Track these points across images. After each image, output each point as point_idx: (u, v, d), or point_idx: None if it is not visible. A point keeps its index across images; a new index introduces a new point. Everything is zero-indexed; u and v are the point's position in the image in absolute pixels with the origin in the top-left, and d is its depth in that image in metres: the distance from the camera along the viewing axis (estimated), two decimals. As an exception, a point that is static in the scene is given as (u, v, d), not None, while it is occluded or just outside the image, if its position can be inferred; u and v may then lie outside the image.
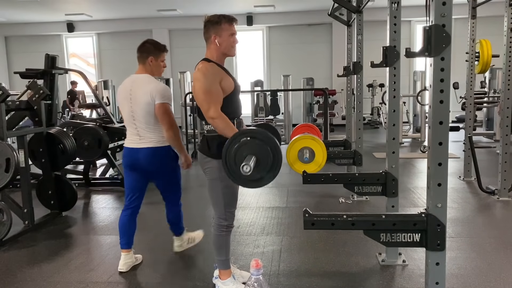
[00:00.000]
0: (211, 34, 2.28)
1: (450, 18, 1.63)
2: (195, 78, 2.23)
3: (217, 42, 2.26)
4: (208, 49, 2.33)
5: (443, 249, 1.80)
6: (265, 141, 2.06)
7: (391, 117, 2.77)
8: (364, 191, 2.94)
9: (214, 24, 2.26)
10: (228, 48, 2.30)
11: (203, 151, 2.35)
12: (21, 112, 4.04)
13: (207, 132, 2.33)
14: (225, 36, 2.27)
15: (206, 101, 2.17)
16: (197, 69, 2.26)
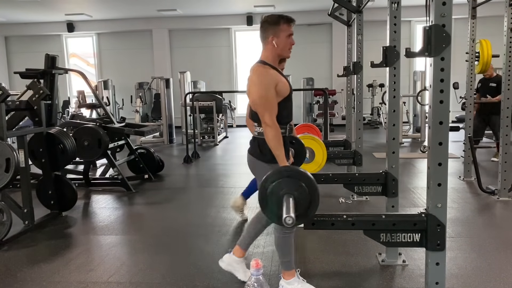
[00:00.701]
0: (269, 34, 2.26)
1: (450, 18, 1.63)
2: (251, 81, 2.23)
3: (275, 43, 2.25)
4: (264, 50, 2.32)
5: (443, 249, 1.80)
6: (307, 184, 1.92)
7: (391, 117, 2.77)
8: (364, 191, 2.94)
9: (272, 24, 2.24)
10: (285, 49, 2.28)
11: (255, 155, 2.34)
12: (21, 112, 4.05)
13: (258, 134, 2.32)
14: (283, 37, 2.25)
15: (262, 106, 2.17)
16: (254, 72, 2.26)
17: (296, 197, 1.89)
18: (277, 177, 1.93)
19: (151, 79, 10.94)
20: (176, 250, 3.27)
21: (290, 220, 1.76)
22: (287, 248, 2.41)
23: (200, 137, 9.53)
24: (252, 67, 2.31)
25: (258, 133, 2.32)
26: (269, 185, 1.93)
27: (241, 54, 13.17)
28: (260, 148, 2.30)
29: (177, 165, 6.97)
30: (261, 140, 2.28)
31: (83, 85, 10.79)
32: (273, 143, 2.15)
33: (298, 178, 1.92)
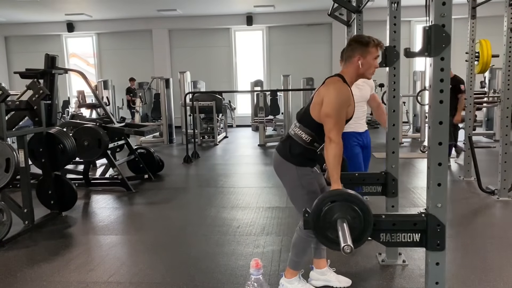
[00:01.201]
0: (355, 54, 2.24)
1: (450, 18, 1.63)
2: (328, 92, 2.18)
3: (360, 63, 2.23)
4: (347, 67, 2.28)
5: (443, 249, 1.80)
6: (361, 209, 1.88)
7: (391, 117, 2.77)
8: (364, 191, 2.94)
9: (362, 45, 2.24)
10: (369, 71, 2.27)
11: (284, 155, 2.31)
12: (21, 112, 4.04)
13: (294, 135, 2.30)
14: (370, 59, 2.24)
15: (333, 121, 2.13)
16: (333, 85, 2.21)
17: (350, 222, 1.86)
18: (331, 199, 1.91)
19: (151, 79, 10.94)
20: (176, 250, 3.27)
21: (349, 249, 1.75)
22: (304, 250, 2.43)
23: (200, 137, 9.53)
24: (330, 78, 2.28)
25: (294, 134, 2.31)
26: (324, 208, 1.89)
27: (241, 54, 13.17)
28: (291, 150, 2.29)
29: (177, 165, 6.97)
30: (294, 142, 2.29)
31: (83, 85, 10.79)
32: (332, 161, 2.10)
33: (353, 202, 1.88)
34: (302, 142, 2.27)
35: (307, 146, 2.27)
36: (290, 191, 2.37)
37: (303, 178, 2.27)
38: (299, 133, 2.28)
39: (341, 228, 1.80)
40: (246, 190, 5.06)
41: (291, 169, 2.28)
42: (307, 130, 2.26)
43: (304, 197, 2.28)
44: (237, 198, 4.74)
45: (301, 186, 2.28)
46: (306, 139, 2.27)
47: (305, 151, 2.28)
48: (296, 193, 2.32)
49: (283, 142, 2.37)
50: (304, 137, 2.27)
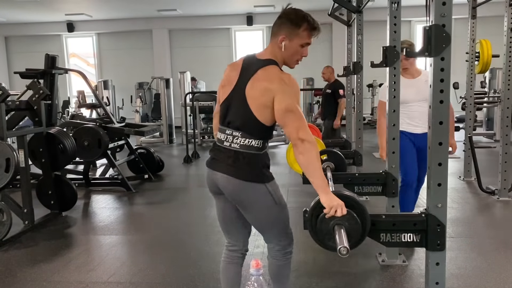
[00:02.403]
0: (281, 32, 1.81)
1: (450, 18, 1.63)
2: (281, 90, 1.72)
3: (284, 44, 1.80)
4: (272, 48, 1.85)
5: (443, 249, 1.80)
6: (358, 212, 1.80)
7: (391, 117, 2.77)
8: (364, 191, 2.94)
9: (292, 23, 1.80)
10: (292, 58, 1.87)
11: (244, 176, 1.79)
12: (21, 112, 4.04)
13: (241, 147, 1.79)
14: (297, 43, 1.81)
15: (298, 115, 1.71)
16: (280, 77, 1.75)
17: (347, 228, 1.81)
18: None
19: (151, 79, 10.94)
20: (176, 250, 3.27)
21: (345, 251, 1.65)
22: (289, 273, 2.05)
23: (200, 137, 9.53)
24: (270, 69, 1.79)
25: (240, 146, 1.79)
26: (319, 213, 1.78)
27: (241, 54, 13.15)
28: (251, 166, 1.79)
29: (177, 165, 6.97)
30: (248, 155, 1.79)
31: (83, 85, 10.78)
32: (317, 163, 1.69)
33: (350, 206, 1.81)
34: (255, 151, 1.81)
35: (261, 152, 1.84)
36: (263, 216, 1.88)
37: (275, 194, 1.85)
38: (247, 142, 1.79)
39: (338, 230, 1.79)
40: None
41: (262, 190, 1.81)
42: (253, 135, 1.79)
43: (281, 214, 1.90)
44: (237, 198, 4.73)
45: (275, 203, 1.85)
46: (258, 145, 1.81)
47: (263, 159, 1.85)
48: (273, 212, 1.87)
49: (234, 162, 1.80)
50: (255, 144, 1.80)
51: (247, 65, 1.86)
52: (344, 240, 1.72)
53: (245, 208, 1.86)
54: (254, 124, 1.78)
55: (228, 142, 1.83)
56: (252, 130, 1.79)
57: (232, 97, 1.84)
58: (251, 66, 1.83)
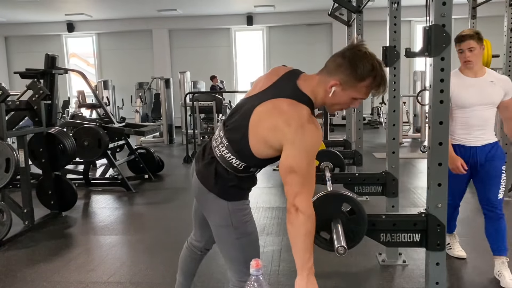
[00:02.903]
0: (337, 76, 1.46)
1: (450, 18, 1.63)
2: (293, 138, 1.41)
3: (333, 91, 1.47)
4: (317, 83, 1.51)
5: (443, 249, 1.80)
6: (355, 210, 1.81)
7: (391, 117, 2.77)
8: (364, 191, 2.94)
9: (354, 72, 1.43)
10: (335, 108, 1.55)
11: (206, 183, 1.61)
12: (21, 112, 4.04)
13: (220, 158, 1.59)
14: (348, 94, 1.48)
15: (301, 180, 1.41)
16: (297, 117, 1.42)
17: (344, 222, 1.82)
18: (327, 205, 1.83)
19: (151, 79, 10.94)
20: (176, 250, 3.25)
21: (342, 250, 1.62)
22: None
23: (200, 137, 9.53)
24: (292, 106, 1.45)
25: (220, 156, 1.59)
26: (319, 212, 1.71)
27: (241, 54, 13.16)
28: (217, 178, 1.59)
29: (177, 165, 6.97)
30: (221, 168, 1.59)
31: (83, 85, 10.79)
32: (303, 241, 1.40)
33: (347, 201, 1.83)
34: (231, 170, 1.58)
35: (239, 174, 1.60)
36: (218, 232, 1.67)
37: (234, 216, 1.60)
38: (228, 157, 1.57)
39: (335, 229, 1.79)
40: (246, 190, 5.06)
41: (219, 204, 1.60)
42: (239, 157, 1.56)
43: (236, 242, 1.62)
44: (237, 198, 4.74)
45: (231, 226, 1.60)
46: (238, 166, 1.58)
47: (238, 181, 1.60)
48: (225, 235, 1.64)
49: (206, 165, 1.63)
50: (235, 163, 1.57)
51: (283, 82, 1.56)
52: (342, 239, 1.71)
53: (206, 216, 1.69)
54: (244, 147, 1.54)
55: (216, 144, 1.63)
56: (240, 150, 1.55)
57: (246, 103, 1.59)
58: (284, 87, 1.53)
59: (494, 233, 2.57)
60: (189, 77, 10.19)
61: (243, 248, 1.64)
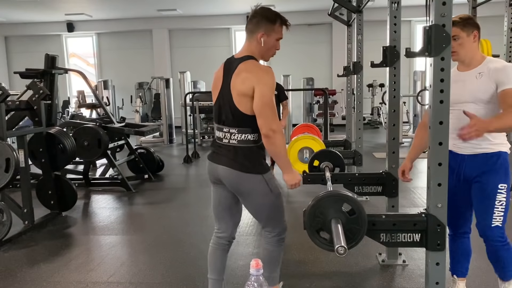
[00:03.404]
0: (259, 29, 1.99)
1: (450, 18, 1.63)
2: (259, 81, 1.90)
3: (262, 40, 1.99)
4: (249, 45, 2.03)
5: (443, 249, 1.80)
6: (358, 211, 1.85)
7: (391, 117, 2.77)
8: (364, 191, 2.94)
9: (268, 21, 2.00)
10: (269, 52, 2.05)
11: (242, 168, 1.99)
12: (21, 112, 4.04)
13: (238, 142, 2.00)
14: (273, 38, 2.01)
15: (271, 111, 1.90)
16: (259, 69, 1.94)
17: (344, 222, 1.85)
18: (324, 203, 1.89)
19: (151, 79, 10.93)
20: (176, 250, 3.27)
21: (342, 250, 1.68)
22: (278, 262, 2.23)
23: (200, 137, 9.53)
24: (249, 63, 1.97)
25: (238, 141, 2.00)
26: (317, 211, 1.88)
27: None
28: (249, 159, 2.00)
29: (177, 165, 6.97)
30: (246, 149, 2.00)
31: (83, 85, 10.79)
32: (284, 151, 1.97)
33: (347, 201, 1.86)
34: (252, 144, 2.00)
35: (258, 145, 2.02)
36: (261, 203, 2.07)
37: (270, 183, 2.05)
38: (242, 137, 1.99)
39: (335, 229, 1.79)
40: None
41: (258, 180, 2.01)
42: (248, 130, 1.98)
43: (277, 201, 2.09)
44: (237, 198, 4.74)
45: (271, 192, 2.05)
46: (254, 138, 2.00)
47: (260, 151, 2.04)
48: (269, 200, 2.07)
49: (234, 156, 2.01)
50: (251, 137, 1.99)
51: (228, 65, 2.05)
52: (342, 239, 1.71)
53: (244, 197, 2.08)
54: (241, 117, 1.96)
55: (227, 139, 2.03)
56: (245, 125, 1.97)
57: (221, 96, 2.04)
58: (232, 65, 2.01)
59: (495, 260, 2.22)
60: (189, 77, 10.19)
61: (279, 206, 2.12)
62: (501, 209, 2.03)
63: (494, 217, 2.05)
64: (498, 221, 2.05)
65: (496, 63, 2.04)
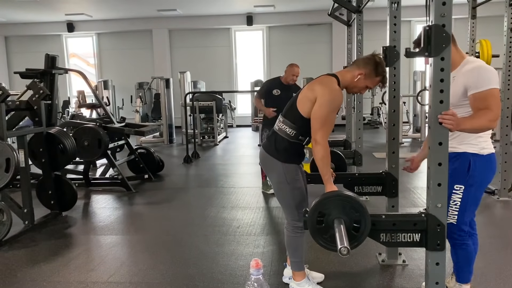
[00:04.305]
0: (362, 70, 2.22)
1: (450, 18, 1.63)
2: (323, 94, 2.15)
3: (358, 78, 2.22)
4: (347, 72, 2.29)
5: (443, 249, 1.80)
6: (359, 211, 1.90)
7: (391, 117, 2.77)
8: (364, 191, 2.94)
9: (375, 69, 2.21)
10: (354, 89, 2.29)
11: (269, 151, 2.32)
12: (21, 112, 4.04)
13: (279, 130, 2.31)
14: (364, 83, 2.24)
15: (321, 123, 2.13)
16: (328, 86, 2.18)
17: (347, 223, 1.88)
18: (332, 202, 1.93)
19: (151, 79, 10.94)
20: (176, 250, 3.27)
21: (345, 251, 1.74)
22: (299, 248, 2.41)
23: (200, 137, 9.52)
24: (325, 77, 2.26)
25: (279, 129, 2.31)
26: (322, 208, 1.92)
27: (241, 54, 13.16)
28: (276, 145, 2.30)
29: (177, 165, 6.97)
30: (279, 138, 2.29)
31: (83, 85, 10.78)
32: (321, 162, 2.13)
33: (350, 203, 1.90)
34: (286, 137, 2.26)
35: (291, 140, 2.27)
36: (277, 187, 2.36)
37: (288, 175, 2.28)
38: (283, 127, 2.28)
39: (338, 229, 1.80)
40: (246, 190, 5.06)
41: (277, 165, 2.28)
42: (291, 124, 2.25)
43: (291, 192, 2.30)
44: (237, 198, 4.74)
45: (286, 182, 2.28)
46: (290, 133, 2.26)
47: (291, 146, 2.27)
48: (283, 188, 2.31)
49: (269, 138, 2.38)
50: (288, 131, 2.26)
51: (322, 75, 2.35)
52: (345, 240, 1.72)
53: (268, 175, 2.39)
54: (294, 113, 2.24)
55: (277, 125, 2.36)
56: (291, 119, 2.25)
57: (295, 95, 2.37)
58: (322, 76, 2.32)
59: (454, 258, 2.27)
60: (189, 77, 10.19)
61: (292, 199, 2.32)
62: (455, 208, 2.09)
63: (448, 215, 2.07)
64: (453, 218, 2.12)
65: (469, 64, 2.03)
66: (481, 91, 1.91)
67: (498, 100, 1.90)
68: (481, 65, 1.99)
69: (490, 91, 1.90)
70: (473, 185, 2.05)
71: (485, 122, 1.86)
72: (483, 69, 1.96)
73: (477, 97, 1.92)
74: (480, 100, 1.90)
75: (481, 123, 1.86)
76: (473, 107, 1.95)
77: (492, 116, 1.86)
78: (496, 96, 1.90)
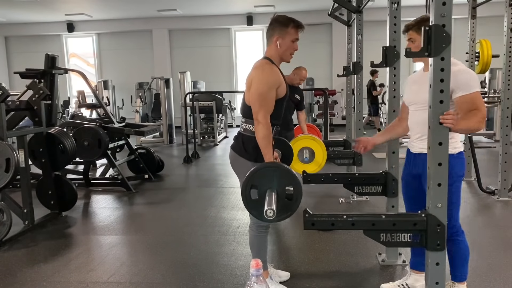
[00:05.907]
0: (274, 34, 2.25)
1: (450, 18, 1.63)
2: (256, 76, 2.20)
3: (278, 43, 2.24)
4: (269, 48, 2.31)
5: (443, 249, 1.80)
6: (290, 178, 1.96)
7: (391, 117, 2.77)
8: (364, 191, 2.94)
9: (281, 25, 2.24)
10: (287, 53, 2.29)
11: (238, 151, 2.32)
12: (21, 112, 4.04)
13: (244, 131, 2.31)
14: (288, 40, 2.25)
15: (259, 103, 2.14)
16: (259, 67, 2.23)
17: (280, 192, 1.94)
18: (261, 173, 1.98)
19: (151, 79, 10.94)
20: (176, 250, 3.27)
21: (271, 213, 1.77)
22: (262, 248, 2.43)
23: (200, 137, 9.52)
24: (257, 62, 2.30)
25: (243, 130, 2.31)
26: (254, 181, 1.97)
27: (241, 54, 13.16)
28: (244, 146, 2.28)
29: (177, 165, 6.97)
30: (246, 137, 2.28)
31: (83, 85, 10.79)
32: (263, 142, 2.13)
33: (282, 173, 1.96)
34: (251, 134, 2.23)
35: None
36: None
37: None
38: (246, 126, 2.29)
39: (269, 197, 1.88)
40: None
41: (246, 165, 2.23)
42: (251, 121, 2.24)
43: None
44: (237, 198, 4.74)
45: None
46: (253, 129, 2.23)
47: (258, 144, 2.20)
48: None
49: (236, 139, 2.36)
50: (252, 128, 2.24)
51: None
52: (273, 203, 1.80)
53: (238, 176, 2.35)
54: (247, 108, 2.24)
55: (241, 127, 2.36)
56: (249, 115, 2.24)
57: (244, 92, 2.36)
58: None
59: (448, 256, 2.23)
60: (189, 77, 10.19)
61: None
62: None
63: None
64: None
65: (459, 65, 2.06)
66: (470, 93, 2.01)
67: (483, 101, 2.05)
68: (465, 68, 2.08)
69: (477, 93, 2.02)
70: (453, 184, 2.10)
71: (476, 122, 1.96)
72: (469, 73, 2.06)
73: (467, 98, 2.00)
74: (470, 102, 2.00)
75: (474, 124, 1.96)
76: (461, 109, 2.00)
77: (481, 117, 1.97)
78: (481, 97, 2.05)
